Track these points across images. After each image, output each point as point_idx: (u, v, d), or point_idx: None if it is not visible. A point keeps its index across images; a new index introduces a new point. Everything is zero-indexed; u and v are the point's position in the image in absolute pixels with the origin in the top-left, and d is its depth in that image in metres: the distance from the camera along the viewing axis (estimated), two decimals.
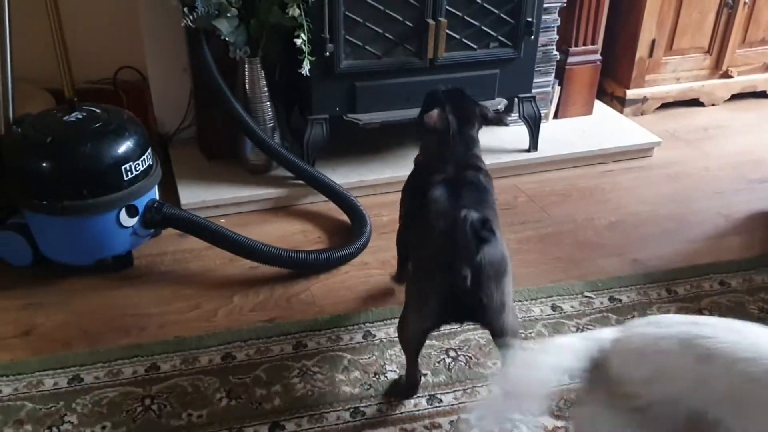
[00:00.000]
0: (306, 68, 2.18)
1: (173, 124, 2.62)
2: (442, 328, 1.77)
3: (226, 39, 2.17)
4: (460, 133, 1.72)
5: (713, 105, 3.28)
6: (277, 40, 2.30)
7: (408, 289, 1.61)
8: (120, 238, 2.03)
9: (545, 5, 2.56)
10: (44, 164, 1.91)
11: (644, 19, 2.96)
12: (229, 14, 2.10)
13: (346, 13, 2.24)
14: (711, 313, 1.95)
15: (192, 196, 2.35)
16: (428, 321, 1.54)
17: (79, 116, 1.99)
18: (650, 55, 3.06)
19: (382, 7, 2.29)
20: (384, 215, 2.40)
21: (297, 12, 2.10)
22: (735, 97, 3.31)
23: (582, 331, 1.88)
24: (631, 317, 1.93)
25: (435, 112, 1.71)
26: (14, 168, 1.95)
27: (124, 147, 1.96)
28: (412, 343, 1.62)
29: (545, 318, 1.92)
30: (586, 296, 2.00)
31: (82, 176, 1.91)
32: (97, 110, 2.03)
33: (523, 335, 1.84)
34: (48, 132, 1.93)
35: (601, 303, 1.98)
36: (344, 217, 2.35)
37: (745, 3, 3.06)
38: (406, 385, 1.69)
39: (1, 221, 2.06)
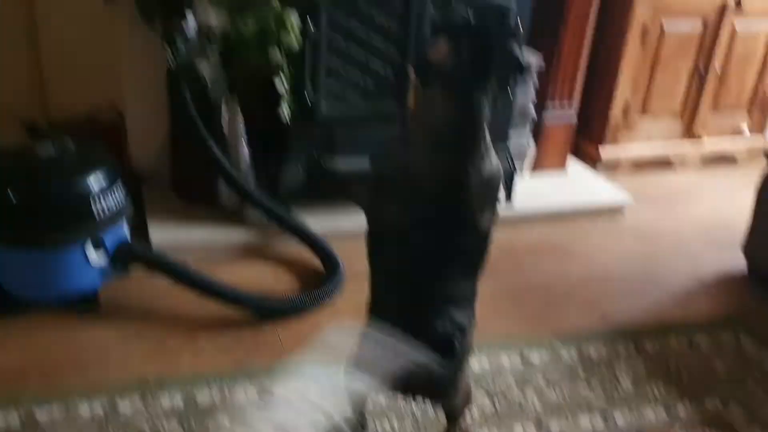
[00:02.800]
0: (285, 113, 2.19)
1: (148, 162, 2.61)
2: None
3: (207, 81, 2.18)
4: (474, 96, 1.16)
5: (684, 168, 3.35)
6: (258, 83, 2.31)
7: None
8: (86, 275, 1.99)
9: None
10: (12, 196, 1.88)
11: (619, 82, 3.04)
12: (209, 56, 2.12)
13: (328, 60, 2.27)
14: (679, 370, 1.95)
15: (163, 236, 2.33)
16: None
17: (51, 149, 1.97)
18: (624, 116, 3.13)
19: (363, 57, 2.32)
20: (357, 262, 2.38)
21: (277, 55, 2.13)
22: (706, 160, 3.38)
23: (549, 383, 1.87)
24: (599, 372, 1.92)
25: (444, 46, 1.14)
26: None
27: (95, 182, 1.95)
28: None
29: (514, 369, 1.91)
30: (555, 349, 1.99)
31: (50, 209, 1.89)
32: (69, 144, 2.02)
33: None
34: (18, 164, 1.92)
35: (570, 356, 1.97)
36: (317, 262, 2.33)
37: (715, 70, 3.15)
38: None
39: None
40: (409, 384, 1.30)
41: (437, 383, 1.33)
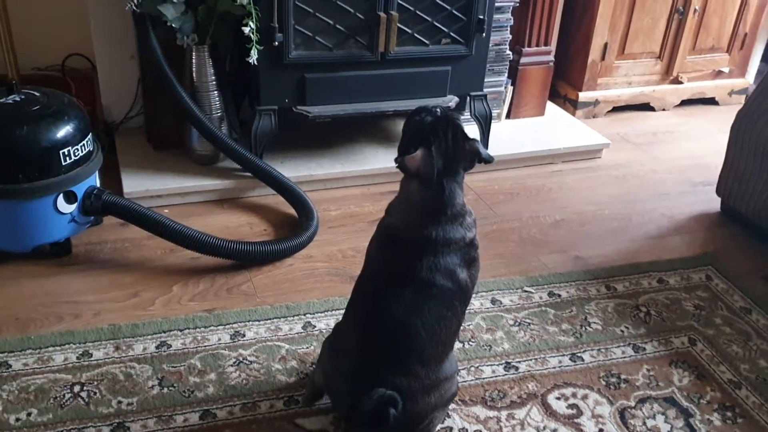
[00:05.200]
0: (254, 57, 2.16)
1: (121, 112, 2.58)
2: None
3: (172, 25, 2.14)
4: (445, 183, 1.40)
5: (663, 110, 3.34)
6: (227, 28, 2.27)
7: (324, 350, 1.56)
8: (57, 225, 1.98)
9: (498, 4, 2.58)
10: None
11: (597, 23, 3.00)
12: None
13: (296, 2, 2.22)
14: (648, 309, 1.98)
15: (136, 184, 2.32)
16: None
17: (17, 99, 1.94)
18: (602, 58, 3.10)
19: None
20: (332, 210, 2.39)
21: (246, 0, 2.09)
22: (685, 102, 3.37)
23: (519, 325, 1.89)
24: (569, 312, 1.95)
25: (419, 154, 1.38)
26: None
27: (63, 131, 1.92)
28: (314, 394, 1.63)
29: (484, 311, 1.93)
30: (525, 291, 2.01)
31: (17, 159, 1.87)
32: (37, 93, 1.99)
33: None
34: None
35: (540, 298, 2.00)
36: (291, 210, 2.33)
37: (695, 10, 3.12)
38: (308, 397, 1.65)
39: None
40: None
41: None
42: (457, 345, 1.79)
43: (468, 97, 2.63)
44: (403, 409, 1.36)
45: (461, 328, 1.58)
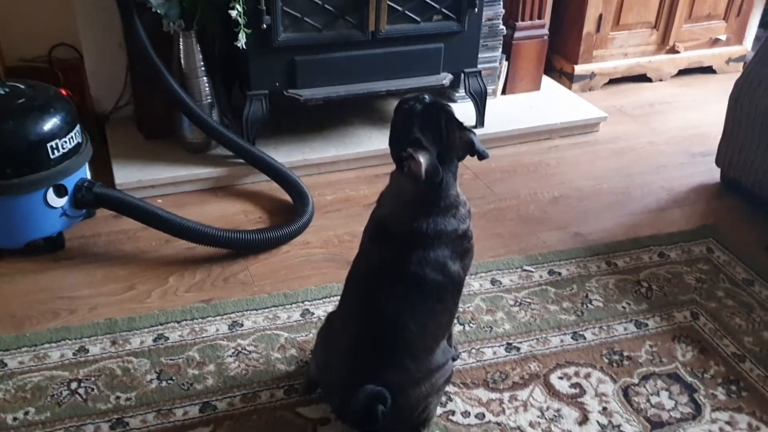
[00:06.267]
0: (242, 41, 2.12)
1: (110, 102, 2.54)
2: None
3: (158, 11, 2.10)
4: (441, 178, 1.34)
5: (660, 80, 3.29)
6: (214, 12, 2.23)
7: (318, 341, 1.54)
8: (49, 219, 1.96)
9: None
10: None
11: None
12: None
13: None
14: (649, 284, 1.95)
15: (127, 175, 2.28)
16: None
17: (2, 92, 1.91)
18: (597, 30, 3.05)
19: None
20: (327, 194, 2.37)
21: None
22: (682, 72, 3.32)
23: (520, 305, 1.87)
24: (570, 290, 1.93)
25: (422, 158, 1.29)
26: None
27: (50, 124, 1.89)
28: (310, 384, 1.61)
29: (484, 292, 1.91)
30: (525, 270, 1.99)
31: (4, 155, 1.84)
32: (22, 86, 1.95)
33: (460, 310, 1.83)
34: None
35: (540, 276, 1.97)
36: (286, 197, 2.31)
37: None
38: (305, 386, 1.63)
39: None
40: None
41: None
42: (458, 327, 1.77)
43: (462, 74, 2.59)
44: (395, 402, 1.33)
45: (460, 311, 1.56)
